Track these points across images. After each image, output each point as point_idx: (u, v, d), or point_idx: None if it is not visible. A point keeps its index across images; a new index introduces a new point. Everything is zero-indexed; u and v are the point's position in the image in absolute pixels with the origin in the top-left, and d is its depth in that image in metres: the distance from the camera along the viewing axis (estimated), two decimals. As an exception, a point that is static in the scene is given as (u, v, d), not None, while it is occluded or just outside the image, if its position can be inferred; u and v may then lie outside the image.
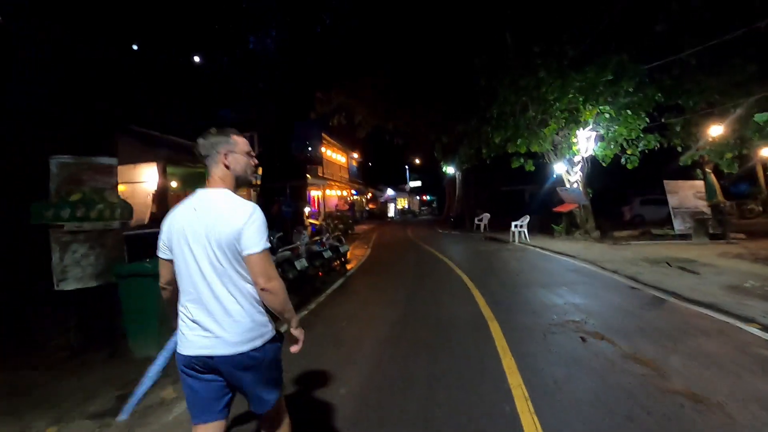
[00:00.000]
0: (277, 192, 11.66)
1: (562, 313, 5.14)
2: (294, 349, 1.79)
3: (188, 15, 12.23)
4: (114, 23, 9.46)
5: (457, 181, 23.61)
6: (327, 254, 9.22)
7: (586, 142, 11.24)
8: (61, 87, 6.80)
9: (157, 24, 11.79)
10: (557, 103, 10.13)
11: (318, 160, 22.19)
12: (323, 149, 24.84)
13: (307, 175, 14.19)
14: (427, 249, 13.42)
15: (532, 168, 13.54)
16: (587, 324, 4.65)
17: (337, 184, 28.07)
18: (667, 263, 8.20)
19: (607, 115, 10.10)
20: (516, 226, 14.18)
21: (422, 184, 54.17)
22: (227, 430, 2.01)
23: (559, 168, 13.48)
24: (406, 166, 50.52)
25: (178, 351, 1.65)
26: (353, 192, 34.44)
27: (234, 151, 1.71)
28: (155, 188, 11.66)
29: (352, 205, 30.85)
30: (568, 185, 13.74)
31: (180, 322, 1.66)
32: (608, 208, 19.23)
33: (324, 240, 10.14)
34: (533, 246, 12.65)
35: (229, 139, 1.72)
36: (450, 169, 23.08)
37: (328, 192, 26.32)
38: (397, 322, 5.13)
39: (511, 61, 11.17)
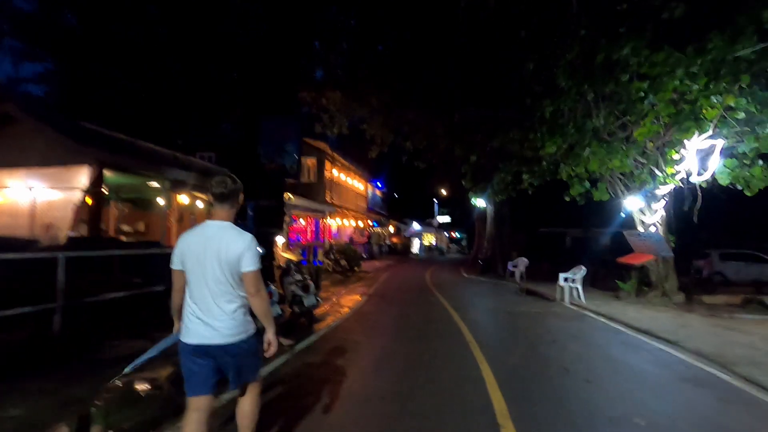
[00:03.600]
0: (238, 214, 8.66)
1: None
2: (267, 354, 2.43)
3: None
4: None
5: (488, 216, 19.97)
6: (276, 310, 5.96)
7: (696, 158, 7.26)
8: None
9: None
10: (651, 95, 6.51)
11: (299, 174, 19.20)
12: (333, 171, 22.03)
13: (288, 195, 11.14)
14: (443, 304, 9.83)
15: (606, 196, 9.60)
16: None
17: (351, 213, 25.04)
18: None
19: (742, 114, 6.36)
20: (566, 279, 10.40)
21: (451, 219, 50.45)
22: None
23: (631, 204, 9.72)
24: (435, 200, 47.18)
25: (182, 340, 2.30)
26: (372, 223, 31.32)
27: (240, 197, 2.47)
28: (81, 198, 8.89)
29: (369, 237, 27.62)
30: (641, 228, 9.95)
31: (186, 317, 2.31)
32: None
33: (286, 284, 6.96)
34: (593, 312, 8.83)
35: (241, 188, 2.45)
36: (480, 202, 19.53)
37: (334, 221, 23.29)
38: None
39: (576, 31, 7.47)
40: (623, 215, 10.56)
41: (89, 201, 9.17)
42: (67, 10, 24.53)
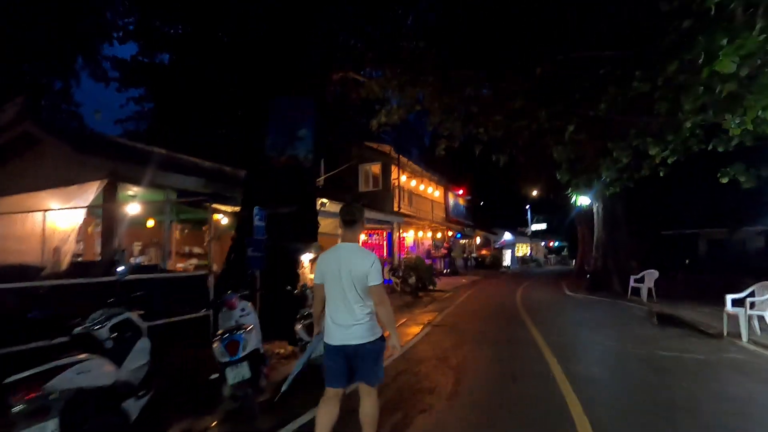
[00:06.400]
0: (242, 226, 6.74)
1: None
2: (388, 353, 3.44)
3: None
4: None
5: (596, 218, 15.86)
6: (241, 373, 3.77)
7: None
8: None
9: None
10: None
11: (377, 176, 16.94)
12: (402, 177, 19.74)
13: (323, 200, 9.01)
14: (536, 342, 6.82)
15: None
16: None
17: (428, 223, 22.48)
18: None
19: None
20: (738, 302, 6.66)
21: (548, 226, 44.82)
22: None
23: None
24: (527, 206, 42.29)
25: (325, 341, 2.84)
26: (455, 234, 28.29)
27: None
28: (83, 217, 7.81)
29: (449, 250, 24.68)
30: None
31: (327, 323, 2.85)
32: None
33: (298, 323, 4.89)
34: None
35: (363, 213, 3.06)
36: (584, 201, 15.58)
37: (408, 234, 20.87)
38: None
39: None
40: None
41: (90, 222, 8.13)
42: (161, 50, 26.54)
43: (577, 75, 7.11)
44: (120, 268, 4.02)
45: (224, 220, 10.48)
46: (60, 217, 7.83)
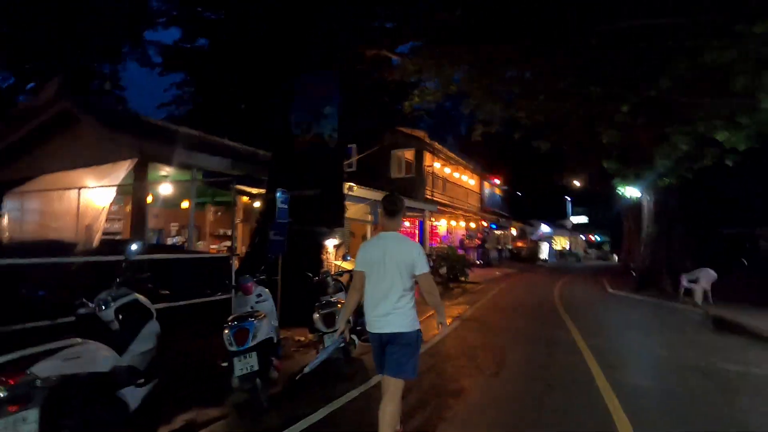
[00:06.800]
0: (266, 209, 6.50)
1: None
2: (439, 331, 4.29)
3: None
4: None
5: (646, 211, 14.66)
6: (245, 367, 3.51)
7: None
8: None
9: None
10: None
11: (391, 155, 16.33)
12: (435, 164, 19.08)
13: (350, 184, 8.57)
14: (576, 345, 6.24)
15: None
16: None
17: (461, 212, 21.77)
18: None
19: None
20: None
21: (589, 219, 42.71)
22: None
23: None
24: (567, 197, 40.41)
25: (369, 330, 2.82)
26: (490, 225, 27.38)
27: None
28: (113, 196, 7.85)
29: (483, 240, 23.86)
30: None
31: (367, 311, 2.81)
32: None
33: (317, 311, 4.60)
34: None
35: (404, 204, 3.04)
36: (632, 192, 14.42)
37: (441, 223, 20.28)
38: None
39: None
40: None
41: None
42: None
43: (638, 47, 6.26)
44: (133, 247, 3.83)
45: (257, 203, 10.40)
46: (93, 195, 7.92)
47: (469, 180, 24.10)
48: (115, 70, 26.67)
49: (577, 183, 25.33)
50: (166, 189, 9.81)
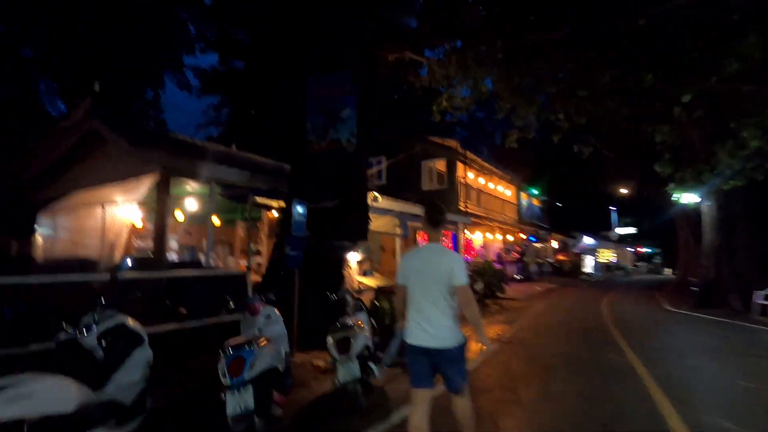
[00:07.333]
0: (285, 222, 6.10)
1: None
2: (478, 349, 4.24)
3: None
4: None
5: (707, 218, 13.21)
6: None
7: None
8: None
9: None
10: None
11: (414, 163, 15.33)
12: (468, 174, 18.29)
13: (376, 195, 8.00)
14: (639, 372, 5.37)
15: None
16: None
17: (497, 225, 20.78)
18: None
19: None
20: None
21: (637, 230, 40.07)
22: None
23: None
24: (612, 207, 38.16)
25: (406, 341, 2.76)
26: (528, 237, 26.06)
27: None
28: (139, 214, 7.74)
29: (522, 254, 22.64)
30: None
31: (409, 323, 2.78)
32: None
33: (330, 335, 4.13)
34: None
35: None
36: (690, 197, 13.04)
37: (476, 235, 19.38)
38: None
39: None
40: None
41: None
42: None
43: (696, 25, 5.40)
44: (125, 262, 3.48)
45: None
46: (118, 212, 7.88)
47: (505, 191, 23.09)
48: (156, 95, 28.04)
49: (623, 191, 23.64)
50: (193, 205, 9.76)
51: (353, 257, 6.36)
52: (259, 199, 7.33)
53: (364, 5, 6.49)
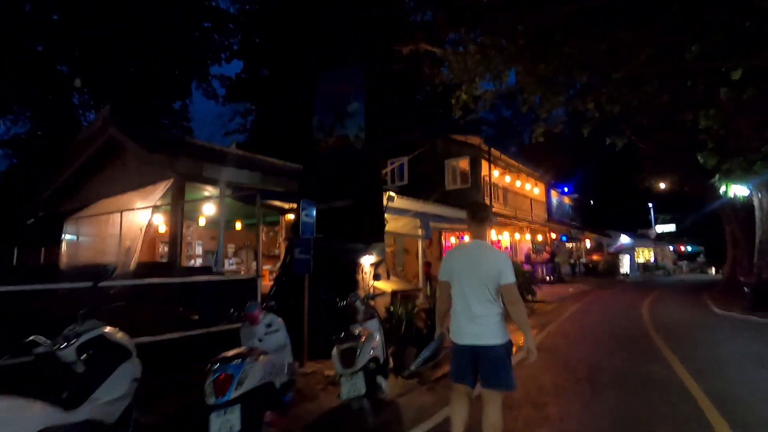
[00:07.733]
0: (295, 225, 5.84)
1: None
2: (521, 359, 3.35)
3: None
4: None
5: (759, 212, 12.10)
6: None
7: None
8: None
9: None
10: None
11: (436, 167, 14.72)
12: (494, 172, 17.62)
13: (391, 194, 7.60)
14: (688, 387, 4.76)
15: None
16: None
17: (526, 224, 19.98)
18: None
19: None
20: None
21: (677, 227, 37.86)
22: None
23: None
24: (650, 204, 36.22)
25: (452, 339, 2.78)
26: (560, 237, 24.99)
27: None
28: (149, 219, 7.68)
29: (552, 255, 21.66)
30: None
31: (454, 321, 2.78)
32: None
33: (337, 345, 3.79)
34: None
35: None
36: (739, 190, 11.96)
37: (503, 236, 18.65)
38: None
39: None
40: None
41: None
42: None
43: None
44: (109, 269, 3.25)
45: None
46: (133, 218, 7.88)
47: (533, 189, 22.20)
48: (185, 105, 28.80)
49: (661, 185, 22.20)
50: (211, 210, 9.72)
51: (367, 260, 6.02)
52: (273, 202, 7.11)
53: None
